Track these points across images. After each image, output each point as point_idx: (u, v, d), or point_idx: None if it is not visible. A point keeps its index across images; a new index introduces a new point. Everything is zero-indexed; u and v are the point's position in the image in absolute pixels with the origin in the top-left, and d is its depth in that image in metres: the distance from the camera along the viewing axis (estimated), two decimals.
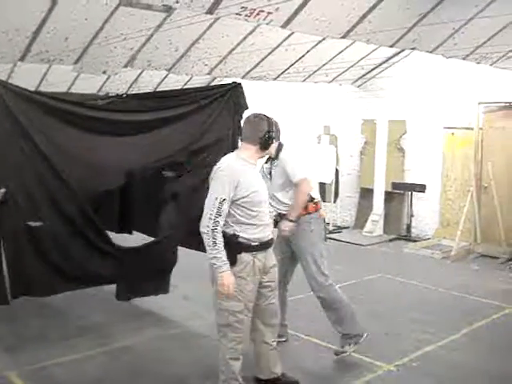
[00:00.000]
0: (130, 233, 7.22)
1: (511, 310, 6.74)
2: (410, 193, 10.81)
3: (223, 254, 3.99)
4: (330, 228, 11.49)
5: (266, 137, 4.20)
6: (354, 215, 11.98)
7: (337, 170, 11.64)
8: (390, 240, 10.72)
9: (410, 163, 10.93)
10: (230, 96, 5.70)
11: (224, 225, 4.04)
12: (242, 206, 4.07)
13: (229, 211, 4.04)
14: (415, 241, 10.45)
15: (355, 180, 11.91)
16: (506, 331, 6.08)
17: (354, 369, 5.05)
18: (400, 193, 11.00)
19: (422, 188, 10.61)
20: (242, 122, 4.48)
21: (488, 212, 9.62)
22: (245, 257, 4.12)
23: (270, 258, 4.35)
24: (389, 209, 11.16)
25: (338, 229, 11.67)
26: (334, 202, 11.72)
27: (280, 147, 5.14)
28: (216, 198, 3.99)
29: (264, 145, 4.23)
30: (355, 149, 11.79)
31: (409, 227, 10.85)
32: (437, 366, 5.11)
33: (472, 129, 9.76)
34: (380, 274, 8.16)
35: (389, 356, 5.29)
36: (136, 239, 6.35)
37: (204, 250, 6.00)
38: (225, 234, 4.05)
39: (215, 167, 4.19)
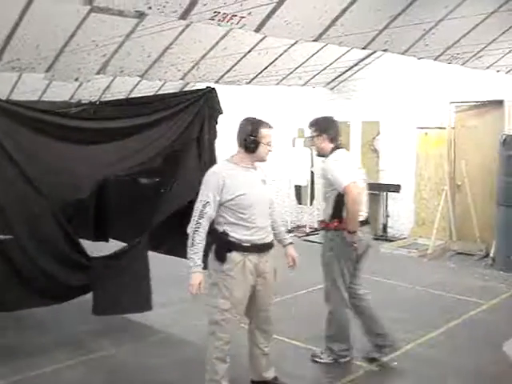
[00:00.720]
0: (107, 241, 7.18)
1: (488, 307, 6.83)
2: (385, 193, 10.88)
3: (198, 256, 4.13)
4: (307, 230, 11.55)
5: (249, 140, 4.26)
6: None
7: (312, 173, 11.67)
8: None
9: (385, 164, 11.01)
10: (205, 101, 5.67)
11: (217, 223, 4.23)
12: (230, 209, 4.19)
13: (220, 212, 4.21)
14: (391, 240, 10.52)
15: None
16: (482, 327, 6.15)
17: (335, 369, 5.06)
18: (375, 193, 11.04)
19: (396, 188, 10.70)
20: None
21: (462, 210, 9.74)
22: (235, 256, 4.19)
23: (266, 263, 4.34)
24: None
25: (316, 231, 11.69)
26: (311, 204, 11.75)
27: (332, 150, 5.05)
28: (200, 201, 4.19)
29: (247, 148, 4.29)
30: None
31: (385, 227, 10.93)
32: (416, 364, 5.16)
33: (445, 128, 9.88)
34: None
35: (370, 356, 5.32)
36: (113, 248, 6.27)
37: (177, 255, 6.06)
38: (216, 232, 4.23)
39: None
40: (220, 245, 4.23)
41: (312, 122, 5.20)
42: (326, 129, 5.08)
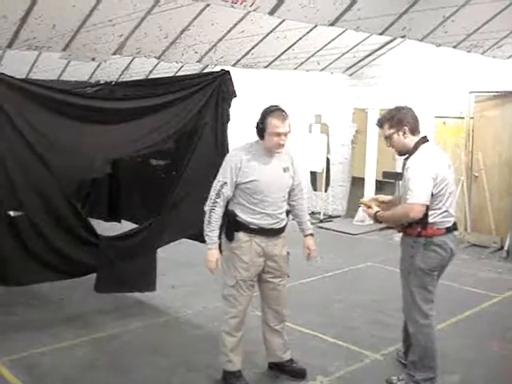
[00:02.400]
0: (119, 221, 7.22)
1: (500, 300, 6.76)
2: (400, 182, 10.76)
3: (215, 234, 4.29)
4: (321, 217, 11.51)
5: (257, 127, 4.30)
6: (345, 204, 11.97)
7: (328, 159, 11.62)
8: (381, 229, 10.70)
9: None
10: (219, 84, 5.65)
11: (229, 203, 4.33)
12: (243, 191, 4.28)
13: (235, 193, 4.29)
14: None
15: (346, 169, 11.90)
16: (493, 320, 6.09)
17: (341, 357, 5.04)
18: (391, 182, 10.98)
19: None
20: None
21: (478, 201, 9.63)
22: (242, 236, 4.29)
23: (275, 246, 4.40)
24: None
25: (329, 218, 11.66)
26: (325, 191, 11.70)
27: (417, 146, 4.30)
28: (218, 181, 4.30)
29: (257, 135, 4.33)
30: (346, 138, 11.76)
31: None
32: None
33: (463, 118, 9.75)
34: (369, 263, 8.17)
35: (376, 345, 5.30)
36: (125, 228, 6.30)
37: (192, 238, 6.09)
38: (227, 211, 4.33)
39: None
40: (229, 224, 4.34)
41: (382, 119, 4.43)
42: (402, 120, 4.31)
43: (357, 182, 11.62)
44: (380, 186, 11.13)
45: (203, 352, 5.10)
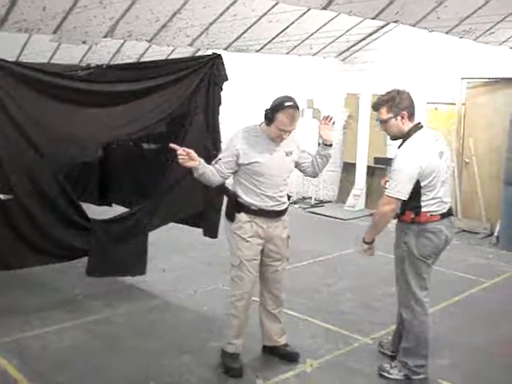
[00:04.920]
0: (110, 205, 7.21)
1: (489, 285, 6.81)
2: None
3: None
4: (312, 202, 11.53)
5: (267, 114, 4.29)
6: (336, 189, 11.99)
7: (319, 144, 11.58)
8: (372, 214, 10.69)
9: None
10: (210, 67, 5.62)
11: (232, 183, 4.46)
12: (245, 172, 4.34)
13: (236, 171, 4.37)
14: None
15: (338, 154, 11.89)
16: (481, 305, 6.14)
17: (330, 341, 5.08)
18: (382, 167, 10.98)
19: None
20: None
21: (469, 188, 9.67)
22: (242, 216, 4.35)
23: (276, 229, 4.45)
24: (371, 183, 11.17)
25: (321, 203, 11.69)
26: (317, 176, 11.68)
27: (410, 133, 4.23)
28: (218, 156, 4.49)
29: (265, 119, 4.33)
30: (338, 123, 11.72)
31: None
32: None
33: (455, 104, 9.76)
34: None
35: (365, 329, 5.34)
36: (116, 212, 6.28)
37: (183, 222, 6.10)
38: (228, 192, 4.47)
39: None
40: (230, 205, 4.42)
41: (380, 102, 4.31)
42: (401, 104, 4.22)
43: (348, 168, 11.64)
44: (371, 172, 11.16)
45: (194, 335, 5.12)
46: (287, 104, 4.25)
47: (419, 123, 4.32)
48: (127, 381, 4.34)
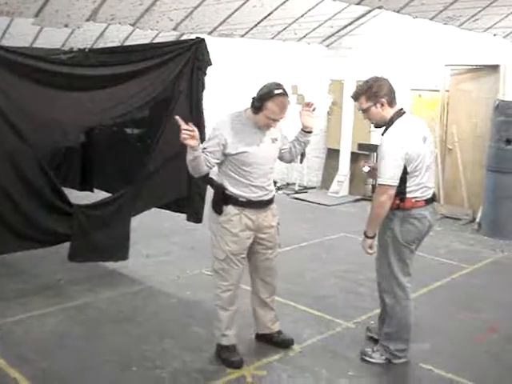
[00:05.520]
0: (92, 191, 7.17)
1: (470, 270, 6.87)
2: (375, 154, 10.78)
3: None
4: (296, 188, 11.54)
5: (255, 103, 4.15)
6: (320, 176, 12.00)
7: None
8: (355, 200, 10.78)
9: None
10: (194, 52, 5.58)
11: (218, 174, 4.30)
12: (232, 162, 4.19)
13: (223, 163, 4.21)
14: None
15: (322, 140, 11.89)
16: (462, 290, 6.19)
17: (313, 326, 5.10)
18: (366, 154, 11.01)
19: None
20: None
21: (452, 174, 9.73)
22: (230, 209, 4.23)
23: (266, 218, 4.37)
24: (355, 170, 11.20)
25: (305, 189, 11.70)
26: (301, 162, 11.66)
27: (393, 119, 4.22)
28: (203, 145, 4.18)
29: (252, 107, 4.18)
30: (322, 109, 11.74)
31: (374, 188, 10.87)
32: None
33: (438, 91, 9.78)
34: (343, 234, 8.23)
35: (348, 314, 5.37)
36: (98, 197, 6.24)
37: (165, 208, 6.08)
38: (215, 184, 4.30)
39: None
40: (217, 197, 4.27)
41: (358, 92, 4.33)
42: (379, 92, 4.22)
43: (332, 154, 11.65)
44: (355, 158, 11.17)
45: (176, 320, 5.12)
46: (277, 92, 4.10)
47: (401, 109, 4.31)
48: (109, 366, 4.32)
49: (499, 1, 7.08)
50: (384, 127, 4.30)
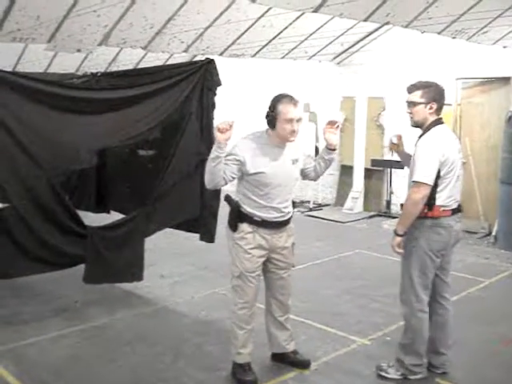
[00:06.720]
0: (108, 212, 7.21)
1: (487, 285, 6.81)
2: (389, 169, 10.81)
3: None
4: (311, 206, 11.54)
5: (268, 116, 4.20)
6: (334, 192, 12.00)
7: (317, 148, 11.58)
8: (370, 217, 10.76)
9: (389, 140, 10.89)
10: (203, 72, 5.65)
11: (236, 192, 4.33)
12: (249, 183, 4.21)
13: (241, 181, 4.26)
14: (395, 217, 10.45)
15: (335, 157, 11.86)
16: (479, 305, 6.14)
17: (328, 343, 5.08)
18: (379, 170, 11.01)
19: (400, 165, 10.55)
20: None
21: (467, 187, 9.62)
22: (245, 227, 4.25)
23: (280, 239, 4.37)
24: (369, 186, 11.19)
25: (319, 206, 11.70)
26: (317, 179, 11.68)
27: (430, 126, 4.30)
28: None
29: (269, 124, 4.22)
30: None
31: (388, 204, 10.88)
32: None
33: (450, 105, 9.77)
34: (358, 250, 8.20)
35: (363, 330, 5.34)
36: (114, 219, 6.28)
37: (178, 228, 6.10)
38: (231, 200, 4.32)
39: None
40: (233, 214, 4.29)
41: (418, 85, 4.41)
42: (436, 95, 4.33)
43: (346, 170, 11.65)
44: (368, 174, 11.17)
45: (191, 340, 5.12)
46: (283, 95, 4.22)
47: (441, 118, 4.38)
48: None
49: (507, 12, 7.07)
50: (421, 131, 4.37)
